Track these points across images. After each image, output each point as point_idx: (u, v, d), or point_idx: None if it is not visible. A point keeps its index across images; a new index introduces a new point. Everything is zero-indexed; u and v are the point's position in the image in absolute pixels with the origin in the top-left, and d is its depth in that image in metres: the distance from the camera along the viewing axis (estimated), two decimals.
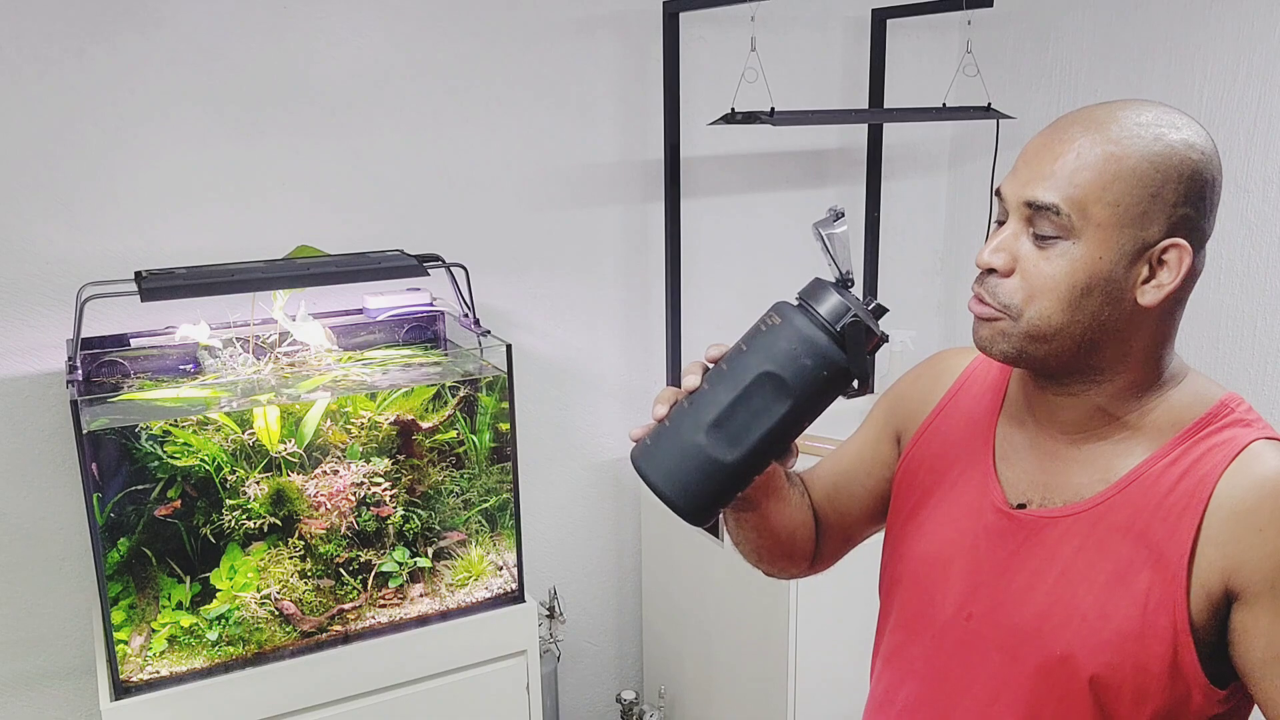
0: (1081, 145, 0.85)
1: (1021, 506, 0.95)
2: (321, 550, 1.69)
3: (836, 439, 1.15)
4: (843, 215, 0.88)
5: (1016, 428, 0.99)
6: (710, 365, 0.88)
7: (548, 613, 2.27)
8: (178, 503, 1.59)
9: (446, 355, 1.97)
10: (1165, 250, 0.85)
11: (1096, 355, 0.88)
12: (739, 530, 1.06)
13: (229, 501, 1.63)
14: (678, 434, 0.86)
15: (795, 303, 0.87)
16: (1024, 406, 0.98)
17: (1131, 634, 0.86)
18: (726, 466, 0.85)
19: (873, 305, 0.87)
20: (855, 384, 0.86)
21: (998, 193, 0.91)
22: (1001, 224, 0.91)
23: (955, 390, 1.07)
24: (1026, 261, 0.87)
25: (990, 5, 2.17)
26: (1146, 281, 0.86)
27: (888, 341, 0.90)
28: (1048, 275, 0.85)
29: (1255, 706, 0.88)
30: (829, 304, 0.85)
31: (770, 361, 0.84)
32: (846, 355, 0.84)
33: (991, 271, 0.88)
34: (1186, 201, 0.84)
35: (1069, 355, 0.88)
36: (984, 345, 0.91)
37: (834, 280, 0.87)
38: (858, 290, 0.90)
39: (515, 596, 1.82)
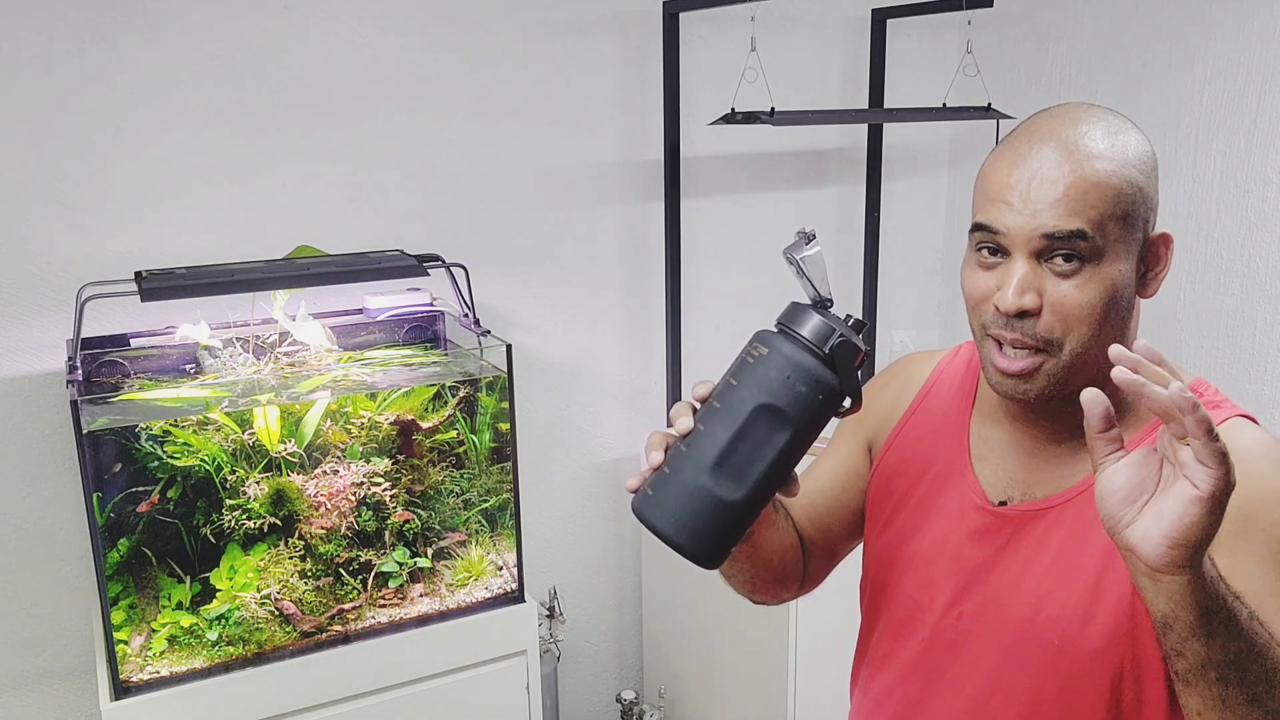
0: (1077, 167, 0.85)
1: (1003, 504, 0.96)
2: (321, 550, 1.69)
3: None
4: (814, 237, 0.87)
5: (992, 427, 0.99)
6: (698, 405, 0.87)
7: (548, 613, 2.27)
8: (155, 498, 1.59)
9: (446, 355, 1.97)
10: (1154, 243, 0.89)
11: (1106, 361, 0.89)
12: (731, 564, 1.04)
13: (229, 501, 1.63)
14: (680, 479, 0.84)
15: (776, 329, 0.86)
16: (999, 407, 0.98)
17: (1125, 614, 0.87)
18: (734, 505, 0.83)
19: (852, 321, 0.86)
20: (848, 403, 0.86)
21: (983, 227, 0.88)
22: (987, 263, 0.89)
23: (924, 394, 1.07)
24: (1054, 294, 0.86)
25: (990, 5, 2.17)
26: (1144, 275, 0.89)
27: (868, 356, 0.89)
28: (1083, 303, 0.85)
29: None
30: (812, 327, 0.84)
31: (765, 393, 0.83)
32: (838, 376, 0.84)
33: (1022, 315, 0.87)
34: (1157, 191, 0.89)
35: (1095, 370, 0.87)
36: (1027, 395, 0.89)
37: (811, 302, 0.86)
38: (836, 299, 0.89)
39: (515, 596, 1.82)
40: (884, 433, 1.09)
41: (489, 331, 1.80)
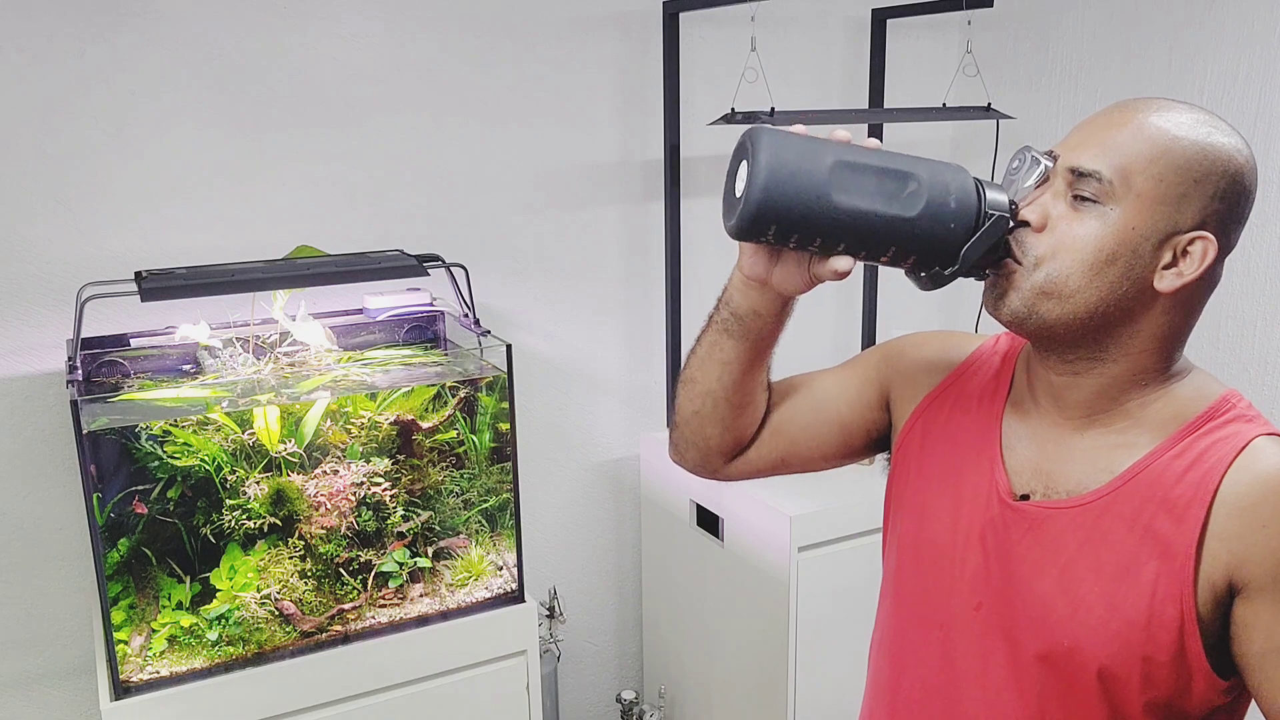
0: (1137, 123, 0.87)
1: (1025, 497, 0.95)
2: (321, 550, 1.69)
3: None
4: (1056, 160, 0.89)
5: (1020, 416, 0.99)
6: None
7: (548, 613, 2.27)
8: (139, 504, 1.59)
9: (446, 355, 1.97)
10: (1192, 240, 0.86)
11: (1105, 333, 0.89)
12: (710, 356, 1.02)
13: (229, 501, 1.63)
14: (812, 145, 0.84)
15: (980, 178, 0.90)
16: (1028, 392, 0.98)
17: (1139, 624, 0.86)
18: (821, 201, 0.82)
19: (1001, 239, 0.88)
20: (951, 270, 0.87)
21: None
22: (1043, 181, 0.91)
23: (957, 375, 1.06)
24: (1059, 220, 0.88)
25: (990, 5, 2.17)
26: (1168, 268, 0.87)
27: (985, 279, 0.91)
28: (1077, 235, 0.87)
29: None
30: (996, 195, 0.87)
31: (926, 174, 0.85)
32: (973, 236, 0.86)
33: (1024, 225, 0.89)
34: (1223, 199, 0.87)
35: (1079, 324, 0.88)
36: (995, 305, 0.91)
37: (1012, 203, 0.89)
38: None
39: (515, 596, 1.82)
40: (910, 393, 1.07)
41: (489, 331, 1.80)
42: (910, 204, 0.84)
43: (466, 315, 1.83)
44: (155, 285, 1.56)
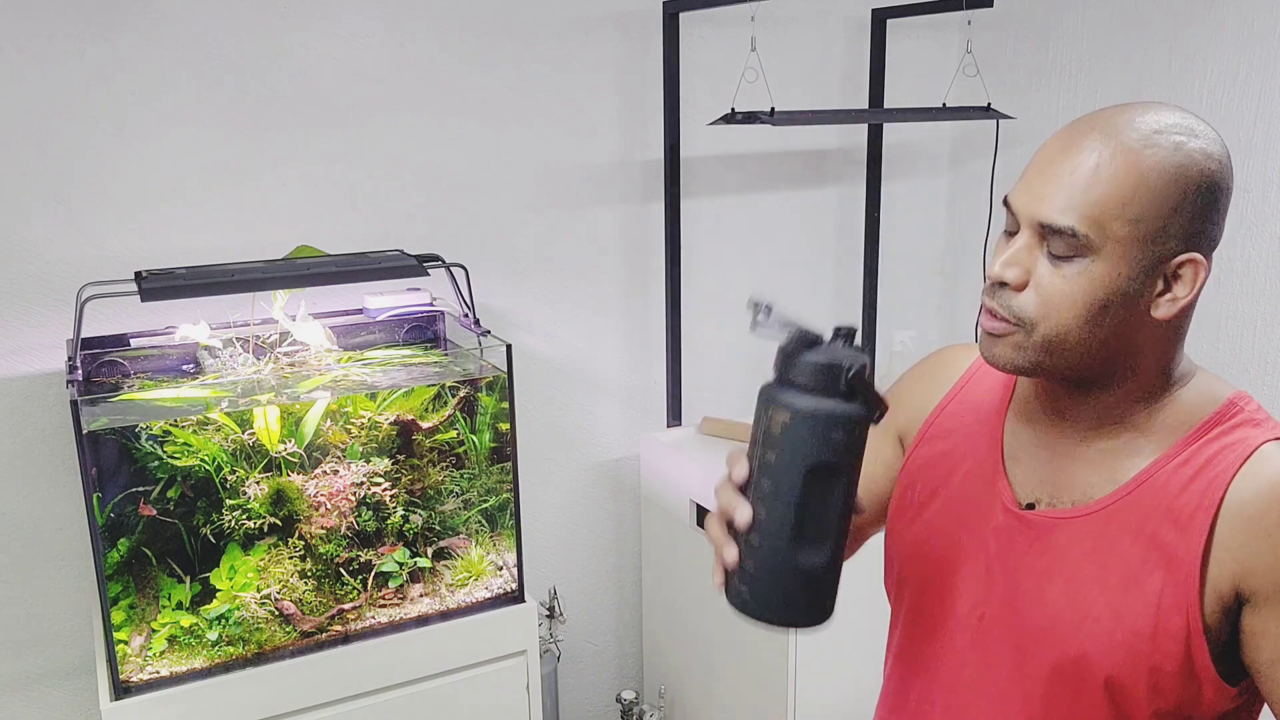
0: (1100, 157, 0.83)
1: (1030, 506, 0.94)
2: (321, 550, 1.70)
3: None
4: (769, 308, 0.83)
5: (1025, 425, 0.98)
6: (741, 486, 0.86)
7: (548, 613, 2.27)
8: (144, 505, 1.59)
9: (446, 355, 1.97)
10: (1181, 265, 0.85)
11: (1108, 363, 0.88)
12: None
13: (229, 501, 1.63)
14: (768, 572, 0.86)
15: (781, 385, 0.84)
16: (1033, 403, 0.97)
17: (1145, 634, 0.86)
18: (825, 566, 0.86)
19: (843, 333, 0.84)
20: (876, 418, 0.85)
21: (1006, 202, 0.89)
22: (1011, 234, 0.88)
23: (960, 386, 1.06)
24: (1042, 278, 0.85)
25: (990, 5, 2.17)
26: (1161, 295, 0.85)
27: (869, 361, 0.87)
28: (1065, 293, 0.84)
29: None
30: (815, 373, 0.82)
31: (807, 458, 0.82)
32: (864, 401, 0.83)
33: (1004, 285, 0.87)
34: (1203, 214, 0.84)
35: (1085, 364, 0.88)
36: (995, 361, 0.89)
37: (800, 344, 0.83)
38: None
39: (515, 596, 1.82)
40: (916, 424, 1.07)
41: (489, 331, 1.80)
42: (836, 479, 0.83)
43: (466, 315, 1.83)
44: (155, 285, 1.56)
